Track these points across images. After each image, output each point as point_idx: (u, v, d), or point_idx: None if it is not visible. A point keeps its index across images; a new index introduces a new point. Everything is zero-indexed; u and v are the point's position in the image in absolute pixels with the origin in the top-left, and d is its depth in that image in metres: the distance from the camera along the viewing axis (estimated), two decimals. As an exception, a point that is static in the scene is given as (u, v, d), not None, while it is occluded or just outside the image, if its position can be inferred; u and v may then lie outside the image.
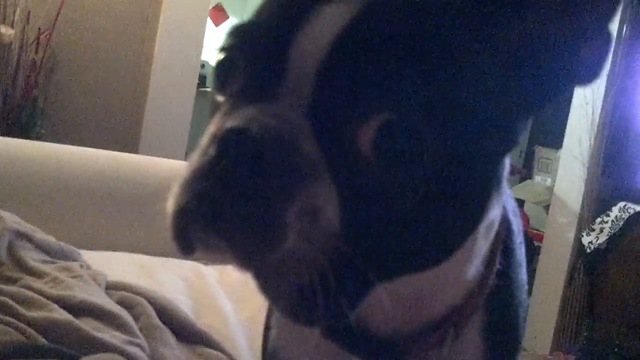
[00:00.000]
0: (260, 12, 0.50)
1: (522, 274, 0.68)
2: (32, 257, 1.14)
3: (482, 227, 0.53)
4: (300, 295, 0.43)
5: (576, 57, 0.48)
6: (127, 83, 2.55)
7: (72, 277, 1.11)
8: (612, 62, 2.78)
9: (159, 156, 1.77)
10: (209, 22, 3.59)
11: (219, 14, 5.93)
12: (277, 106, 0.44)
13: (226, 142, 0.42)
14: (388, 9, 0.45)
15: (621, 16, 2.72)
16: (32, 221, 1.25)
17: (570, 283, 2.86)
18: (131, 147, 2.50)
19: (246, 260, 0.44)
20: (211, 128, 0.46)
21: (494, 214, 0.55)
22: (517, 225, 0.67)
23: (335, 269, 0.43)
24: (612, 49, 0.50)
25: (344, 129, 0.43)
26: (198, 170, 0.44)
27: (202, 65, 4.03)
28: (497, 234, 0.60)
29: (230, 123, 0.43)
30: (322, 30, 0.44)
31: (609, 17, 0.48)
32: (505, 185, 0.57)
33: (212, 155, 0.43)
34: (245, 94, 0.46)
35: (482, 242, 0.56)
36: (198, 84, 2.80)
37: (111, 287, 1.17)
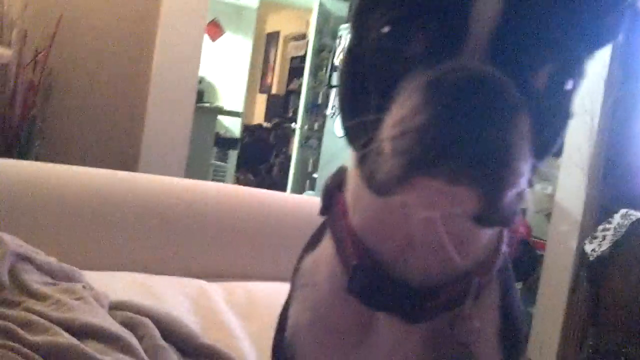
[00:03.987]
0: None
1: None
2: (34, 280, 1.12)
3: None
4: (508, 203, 0.52)
5: (603, 21, 0.65)
6: (125, 101, 2.54)
7: (75, 299, 1.10)
8: (609, 69, 2.78)
9: (158, 174, 1.76)
10: (206, 37, 3.59)
11: (215, 29, 5.96)
12: (466, 60, 0.54)
13: (463, 83, 0.50)
14: None
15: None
16: (33, 243, 1.23)
17: (574, 292, 2.85)
18: (131, 165, 2.49)
19: (479, 180, 0.51)
20: (415, 82, 0.53)
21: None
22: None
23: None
24: (625, 22, 0.66)
25: (523, 75, 0.55)
26: (431, 114, 0.50)
27: (200, 81, 4.03)
28: None
29: (453, 70, 0.51)
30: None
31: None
32: None
33: (449, 97, 0.50)
34: (433, 54, 0.55)
35: None
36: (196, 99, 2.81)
37: (114, 308, 1.16)
